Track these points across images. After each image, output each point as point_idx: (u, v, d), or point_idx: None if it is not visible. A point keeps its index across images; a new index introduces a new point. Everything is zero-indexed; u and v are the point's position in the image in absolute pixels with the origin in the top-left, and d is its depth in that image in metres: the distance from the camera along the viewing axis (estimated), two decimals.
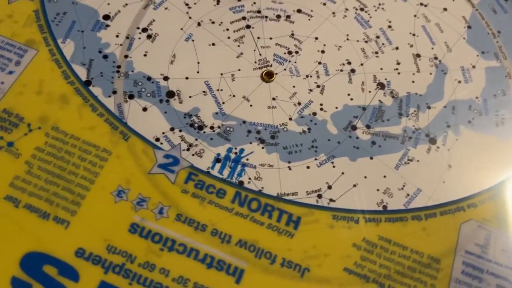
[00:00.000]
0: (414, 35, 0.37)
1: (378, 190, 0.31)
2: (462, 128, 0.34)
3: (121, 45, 0.34)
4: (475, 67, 0.36)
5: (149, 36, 0.35)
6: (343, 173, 0.31)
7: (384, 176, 0.32)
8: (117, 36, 0.35)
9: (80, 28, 0.34)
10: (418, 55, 0.36)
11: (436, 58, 0.36)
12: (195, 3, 0.37)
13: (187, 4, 0.37)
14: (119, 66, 0.33)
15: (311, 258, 0.29)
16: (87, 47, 0.34)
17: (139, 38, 0.35)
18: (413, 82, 0.35)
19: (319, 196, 0.31)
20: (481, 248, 0.30)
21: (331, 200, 0.31)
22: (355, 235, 0.30)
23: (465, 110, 0.34)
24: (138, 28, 0.35)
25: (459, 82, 0.36)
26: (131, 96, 0.33)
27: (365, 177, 0.31)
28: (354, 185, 0.31)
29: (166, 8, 0.36)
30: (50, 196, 0.29)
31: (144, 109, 0.32)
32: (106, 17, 0.35)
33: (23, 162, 0.29)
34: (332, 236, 0.30)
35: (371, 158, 0.32)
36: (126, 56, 0.34)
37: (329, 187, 0.31)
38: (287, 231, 0.29)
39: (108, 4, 0.36)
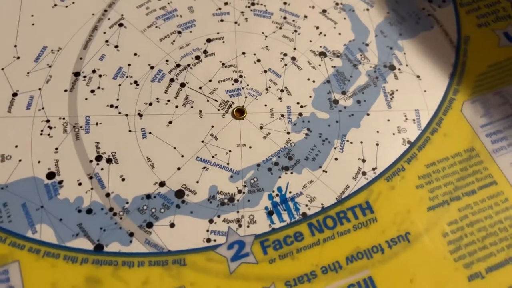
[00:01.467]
0: None
1: (393, 134, 0.34)
2: (400, 43, 0.37)
3: (92, 188, 0.30)
4: None
5: (109, 161, 0.31)
6: (361, 142, 0.33)
7: (388, 120, 0.34)
8: (79, 184, 0.30)
9: (35, 205, 0.29)
10: (324, 11, 0.38)
11: (337, 3, 0.39)
12: (117, 99, 0.33)
13: (111, 106, 0.33)
14: (111, 209, 0.29)
15: (402, 223, 0.31)
16: (63, 217, 0.29)
17: (102, 169, 0.30)
18: (340, 34, 0.37)
19: (364, 173, 0.32)
20: (485, 116, 0.34)
21: (373, 169, 0.32)
22: (411, 180, 0.32)
23: (389, 27, 0.38)
24: (91, 161, 0.31)
25: (367, 9, 0.39)
26: (150, 225, 0.29)
27: (378, 131, 0.34)
28: (377, 144, 0.33)
29: (97, 124, 0.32)
30: None
31: (172, 225, 0.29)
32: (51, 175, 0.30)
33: None
34: (398, 194, 0.31)
35: (368, 114, 0.34)
36: (108, 195, 0.30)
37: (363, 161, 0.32)
38: (369, 219, 0.30)
39: (39, 162, 0.30)
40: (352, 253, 0.29)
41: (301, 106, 0.34)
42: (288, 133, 0.33)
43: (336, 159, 0.32)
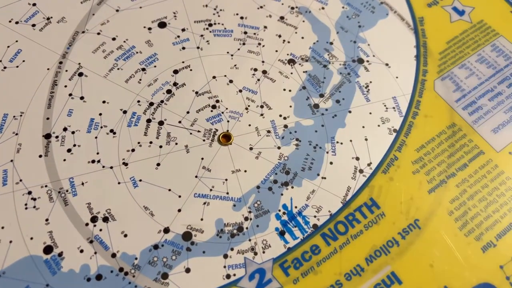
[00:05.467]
0: (261, 7, 0.39)
1: (378, 125, 0.34)
2: (362, 34, 0.38)
3: (95, 253, 0.28)
4: None
5: (105, 219, 0.29)
6: (351, 140, 0.33)
7: (370, 113, 0.34)
8: (81, 251, 0.28)
9: (40, 285, 0.27)
10: (282, 18, 0.38)
11: (292, 8, 0.39)
12: (97, 153, 0.31)
13: (93, 161, 0.31)
14: (121, 269, 0.28)
15: (408, 211, 0.31)
16: None
17: (101, 230, 0.29)
18: (302, 38, 0.37)
19: (361, 171, 0.32)
20: (457, 90, 0.36)
21: (368, 164, 0.32)
22: (406, 167, 0.33)
23: (348, 22, 0.38)
24: (87, 224, 0.29)
25: (323, 8, 0.39)
26: (165, 275, 0.28)
27: (363, 127, 0.34)
28: (366, 139, 0.33)
29: (83, 183, 0.30)
30: None
31: (187, 270, 0.28)
32: (48, 249, 0.28)
33: None
34: (398, 184, 0.32)
35: (350, 112, 0.34)
36: (114, 255, 0.28)
37: (357, 159, 0.33)
38: (378, 215, 0.31)
39: (31, 238, 0.28)
40: (370, 253, 0.30)
41: (284, 118, 0.34)
42: (279, 147, 0.33)
43: (331, 163, 0.32)
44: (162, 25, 0.37)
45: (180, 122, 0.33)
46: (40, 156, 0.31)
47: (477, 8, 0.39)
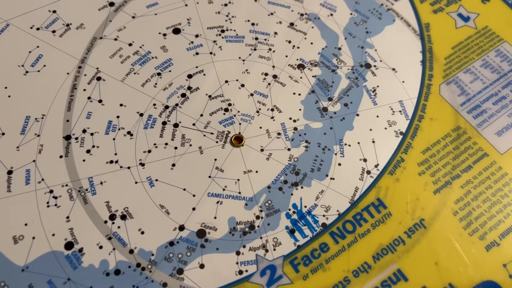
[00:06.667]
0: (272, 14, 0.40)
1: (385, 128, 0.35)
2: (369, 40, 0.39)
3: (114, 249, 0.30)
4: None
5: (123, 217, 0.31)
6: (358, 142, 0.34)
7: (377, 116, 0.36)
8: (100, 247, 0.30)
9: (62, 279, 0.28)
10: (292, 24, 0.40)
11: (302, 14, 0.40)
12: (115, 154, 0.33)
13: (111, 161, 0.32)
14: (138, 264, 0.29)
15: (415, 211, 0.32)
16: (93, 284, 0.28)
17: (119, 227, 0.30)
18: (312, 43, 0.39)
19: (368, 172, 0.33)
20: (462, 94, 0.37)
21: (376, 166, 0.34)
22: (412, 168, 0.34)
23: (355, 28, 0.40)
24: (106, 222, 0.30)
25: (331, 15, 0.40)
26: (180, 271, 0.29)
27: (370, 129, 0.35)
28: (373, 141, 0.35)
29: (102, 183, 0.32)
30: None
31: (202, 266, 0.29)
32: (69, 245, 0.29)
33: None
34: (404, 185, 0.33)
35: (357, 115, 0.36)
36: (131, 251, 0.30)
37: (365, 160, 0.34)
38: (385, 215, 0.32)
39: (53, 234, 0.30)
40: (377, 251, 0.31)
41: (294, 121, 0.35)
42: (289, 149, 0.34)
43: (339, 164, 0.34)
44: (176, 31, 0.38)
45: (194, 124, 0.34)
46: (61, 156, 0.32)
47: (482, 14, 0.41)
